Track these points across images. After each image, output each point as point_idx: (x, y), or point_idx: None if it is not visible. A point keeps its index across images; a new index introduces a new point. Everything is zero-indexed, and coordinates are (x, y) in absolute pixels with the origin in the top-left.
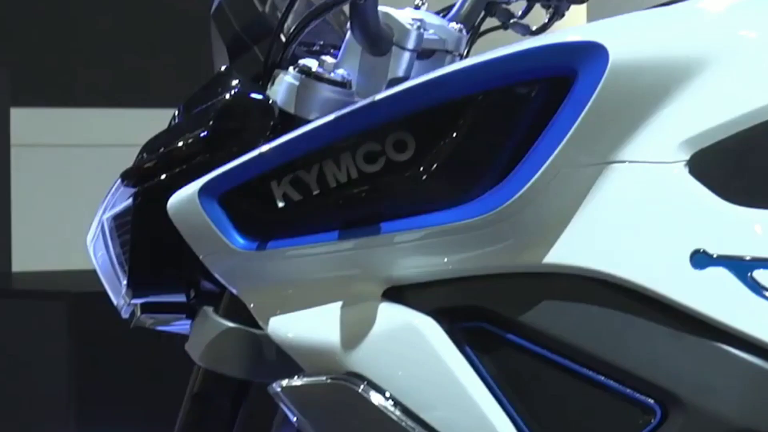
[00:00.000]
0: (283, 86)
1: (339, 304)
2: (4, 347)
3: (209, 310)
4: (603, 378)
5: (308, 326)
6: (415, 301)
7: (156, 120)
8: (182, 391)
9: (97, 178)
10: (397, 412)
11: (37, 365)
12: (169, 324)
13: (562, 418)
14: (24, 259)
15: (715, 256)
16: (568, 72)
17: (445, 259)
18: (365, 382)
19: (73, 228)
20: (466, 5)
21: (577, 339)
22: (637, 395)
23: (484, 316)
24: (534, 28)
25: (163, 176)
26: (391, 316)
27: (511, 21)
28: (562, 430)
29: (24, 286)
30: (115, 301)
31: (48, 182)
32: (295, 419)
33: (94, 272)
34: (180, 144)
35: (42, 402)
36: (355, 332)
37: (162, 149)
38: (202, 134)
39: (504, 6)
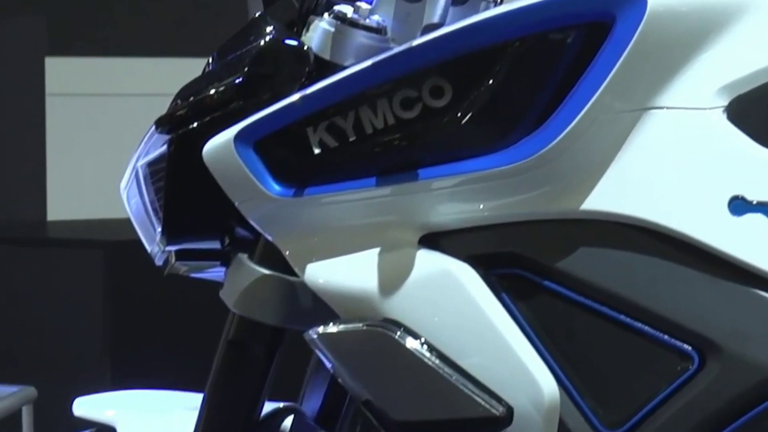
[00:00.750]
0: (318, 32)
1: (375, 250)
2: (40, 296)
3: (244, 257)
4: (640, 324)
5: (344, 273)
6: (451, 248)
7: (190, 68)
8: (217, 338)
9: (132, 127)
10: (434, 359)
11: (73, 314)
12: (203, 271)
13: (599, 365)
14: (59, 208)
15: (753, 202)
16: (606, 17)
17: (482, 206)
18: (401, 329)
19: (107, 177)
20: None
21: (613, 285)
22: (674, 342)
23: (520, 262)
24: None
25: (197, 123)
26: (428, 262)
27: None
28: (598, 377)
29: (59, 235)
30: (148, 248)
31: (83, 131)
32: (330, 366)
33: (129, 220)
34: (214, 91)
35: (78, 350)
36: (391, 279)
37: (196, 96)
38: (236, 81)
39: None
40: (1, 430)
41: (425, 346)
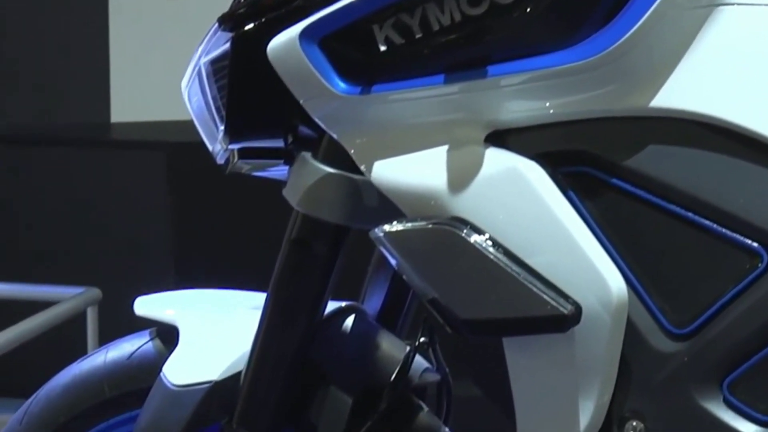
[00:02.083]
0: None
1: (442, 148)
2: (104, 197)
3: (308, 155)
4: (708, 222)
5: (410, 171)
6: (518, 146)
7: None
8: (280, 237)
9: (195, 28)
10: (501, 256)
11: (137, 215)
12: (265, 170)
13: (667, 262)
14: (122, 110)
15: None
16: None
17: (550, 103)
18: (468, 227)
19: (171, 78)
20: None
21: (682, 183)
22: (743, 239)
23: (588, 160)
24: None
25: (260, 21)
26: (495, 160)
27: None
28: (666, 275)
29: (123, 137)
30: (210, 147)
31: (146, 33)
32: (396, 264)
33: (191, 122)
34: None
35: (142, 251)
36: (458, 177)
37: None
38: None
39: None
40: (67, 331)
41: (492, 244)
